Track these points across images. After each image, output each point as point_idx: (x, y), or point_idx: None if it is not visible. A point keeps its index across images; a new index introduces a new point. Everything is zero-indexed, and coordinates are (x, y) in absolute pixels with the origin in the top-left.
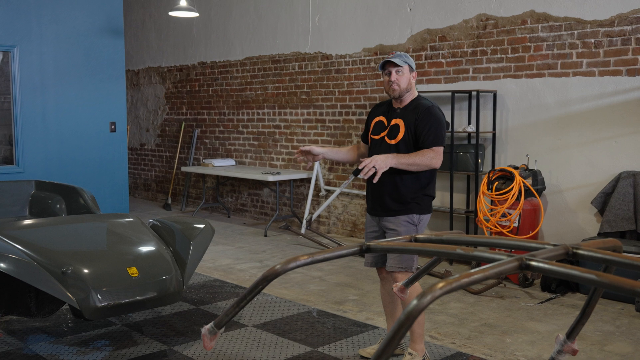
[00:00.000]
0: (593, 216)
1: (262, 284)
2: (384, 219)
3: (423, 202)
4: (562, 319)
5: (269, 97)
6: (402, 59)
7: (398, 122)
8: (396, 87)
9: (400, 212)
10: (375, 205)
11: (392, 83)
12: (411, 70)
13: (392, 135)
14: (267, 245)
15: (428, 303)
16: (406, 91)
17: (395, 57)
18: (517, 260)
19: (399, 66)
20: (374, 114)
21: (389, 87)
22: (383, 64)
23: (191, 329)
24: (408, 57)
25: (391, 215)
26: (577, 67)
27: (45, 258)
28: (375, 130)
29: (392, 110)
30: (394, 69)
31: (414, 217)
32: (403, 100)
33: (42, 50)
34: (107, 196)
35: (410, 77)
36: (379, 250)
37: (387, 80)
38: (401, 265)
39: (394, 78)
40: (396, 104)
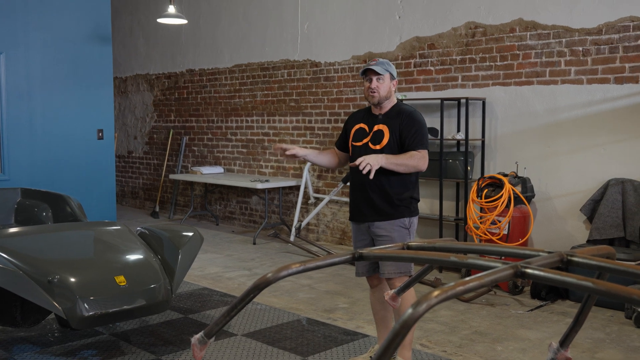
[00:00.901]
0: (582, 223)
1: (253, 292)
2: (374, 225)
3: (412, 205)
4: (552, 326)
5: (257, 104)
6: (384, 67)
7: (382, 128)
8: (375, 94)
9: (393, 216)
10: (363, 210)
11: (371, 90)
12: (392, 78)
13: (376, 141)
14: (256, 253)
15: (424, 312)
16: (385, 98)
17: (376, 64)
18: (512, 268)
19: (379, 74)
20: (352, 122)
21: (368, 93)
22: (364, 70)
23: (180, 338)
24: (389, 64)
25: (383, 219)
26: (565, 75)
27: (31, 267)
28: (357, 137)
29: (373, 116)
30: (374, 77)
31: (406, 221)
32: (383, 107)
33: (28, 57)
34: (95, 204)
35: (391, 85)
36: (371, 257)
37: (368, 86)
38: (399, 270)
39: (374, 85)
40: (376, 110)
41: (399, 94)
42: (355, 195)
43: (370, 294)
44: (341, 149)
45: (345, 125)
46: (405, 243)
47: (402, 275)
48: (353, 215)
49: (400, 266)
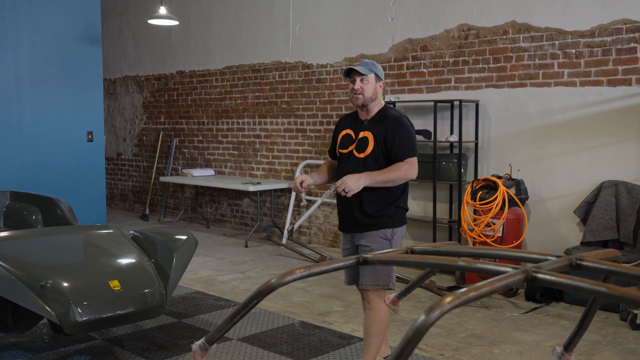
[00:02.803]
0: (575, 225)
1: (257, 298)
2: (355, 236)
3: (396, 215)
4: (548, 328)
5: (249, 106)
6: (368, 67)
7: (366, 135)
8: (359, 96)
9: (372, 227)
10: (346, 221)
11: (355, 91)
12: (378, 79)
13: (361, 149)
14: (249, 256)
15: (437, 318)
16: (371, 100)
17: (360, 65)
18: (522, 273)
19: (363, 74)
20: (340, 127)
21: (352, 95)
22: (347, 71)
23: (174, 343)
24: (375, 65)
25: (363, 230)
26: (558, 77)
27: (23, 271)
28: (343, 144)
29: (359, 122)
30: (358, 77)
31: (387, 232)
32: (369, 110)
33: (17, 58)
34: (84, 207)
35: (377, 87)
36: (375, 262)
37: (351, 88)
38: (377, 283)
39: (358, 87)
40: (362, 114)
41: (391, 96)
42: (339, 206)
43: (363, 302)
44: (334, 156)
45: (335, 131)
46: (408, 247)
47: (379, 288)
48: (340, 225)
49: (378, 278)
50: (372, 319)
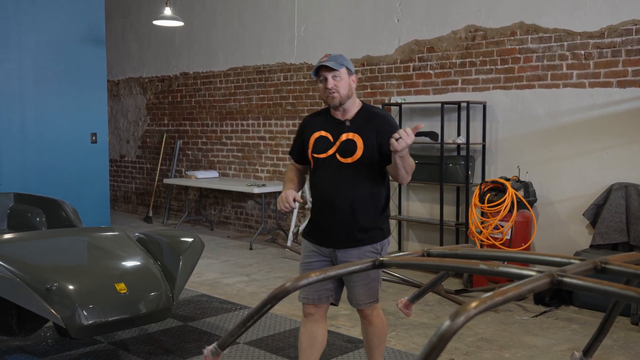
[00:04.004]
0: (585, 228)
1: (271, 302)
2: (340, 252)
3: (385, 225)
4: (558, 332)
5: (253, 108)
6: (338, 62)
7: (352, 138)
8: (335, 94)
9: (364, 242)
10: (330, 235)
11: (329, 91)
12: (350, 73)
13: (347, 153)
14: (253, 259)
15: (462, 324)
16: (347, 98)
17: (329, 60)
18: (548, 277)
19: (335, 70)
20: (310, 129)
21: (326, 95)
22: (316, 69)
23: (180, 347)
24: (345, 58)
25: (351, 246)
26: (567, 78)
27: (28, 274)
28: (319, 148)
29: (337, 122)
30: (329, 74)
31: (378, 246)
32: (346, 109)
33: (21, 59)
34: (88, 209)
35: (350, 82)
36: (393, 265)
37: (324, 87)
38: (371, 300)
39: (332, 85)
40: (337, 114)
41: (397, 98)
42: (321, 216)
43: (302, 325)
44: (300, 161)
45: (300, 133)
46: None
47: (373, 303)
48: (314, 237)
49: (371, 294)
50: (372, 333)
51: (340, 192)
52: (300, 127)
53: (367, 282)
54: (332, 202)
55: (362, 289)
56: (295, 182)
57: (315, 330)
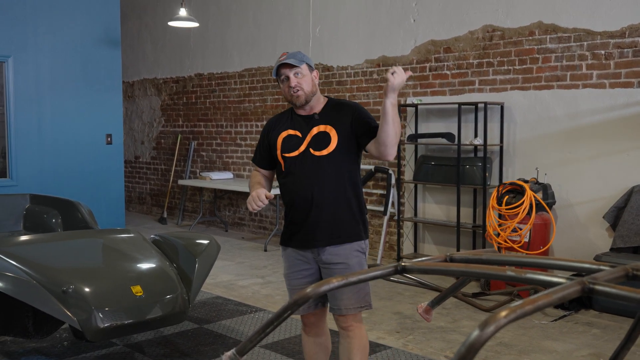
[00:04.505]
0: (605, 231)
1: (291, 308)
2: (325, 251)
3: (365, 224)
4: (579, 337)
5: (268, 109)
6: (297, 58)
7: (325, 129)
8: (300, 92)
9: (351, 238)
10: (314, 234)
11: (293, 89)
12: (311, 69)
13: (321, 146)
14: (268, 261)
15: (492, 333)
16: (312, 94)
17: (288, 57)
18: (579, 284)
19: (295, 67)
20: (275, 131)
21: (291, 95)
22: (277, 68)
23: (195, 350)
24: (304, 55)
25: (335, 243)
26: (587, 78)
27: (44, 276)
28: (288, 147)
29: (304, 118)
30: (291, 72)
31: (362, 244)
32: (312, 106)
33: (37, 61)
34: (103, 210)
35: (312, 77)
36: (415, 270)
37: (287, 87)
38: (360, 304)
39: (295, 83)
40: (302, 111)
41: (414, 99)
42: (300, 216)
43: (304, 334)
44: (265, 166)
45: (265, 137)
46: (447, 255)
47: (362, 309)
48: (295, 241)
49: (361, 298)
50: (353, 347)
51: (319, 186)
52: (264, 131)
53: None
54: (311, 198)
55: (349, 292)
56: (263, 184)
57: (318, 337)
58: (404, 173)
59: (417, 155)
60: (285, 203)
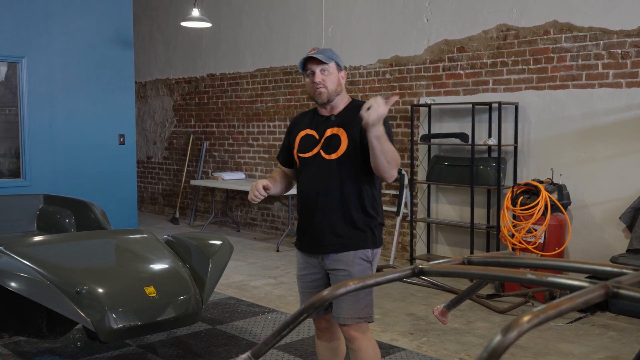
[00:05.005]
0: (621, 232)
1: (307, 311)
2: (329, 257)
3: (378, 231)
4: (595, 339)
5: (280, 109)
6: (327, 55)
7: (337, 132)
8: (323, 89)
9: (354, 246)
10: (317, 239)
11: (317, 85)
12: (339, 69)
13: (331, 149)
14: (280, 261)
15: (515, 339)
16: (336, 94)
17: (317, 53)
18: (602, 288)
19: (323, 64)
20: (296, 128)
21: (313, 90)
22: (303, 62)
23: (208, 351)
24: (333, 52)
25: (341, 250)
26: (603, 78)
27: (58, 277)
28: (304, 147)
29: (322, 119)
30: (317, 68)
31: (369, 253)
32: (334, 106)
33: (50, 61)
34: (115, 210)
35: (339, 77)
36: (433, 273)
37: (311, 82)
38: (358, 315)
39: (319, 79)
40: (324, 111)
41: (427, 98)
42: (307, 220)
43: (317, 339)
44: (286, 164)
45: (287, 134)
46: (465, 257)
47: (361, 321)
48: (302, 245)
49: (359, 309)
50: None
51: (325, 190)
52: (288, 128)
53: (355, 293)
54: (316, 202)
55: (349, 301)
56: (277, 181)
57: (332, 342)
58: (417, 173)
59: (430, 156)
60: (298, 204)
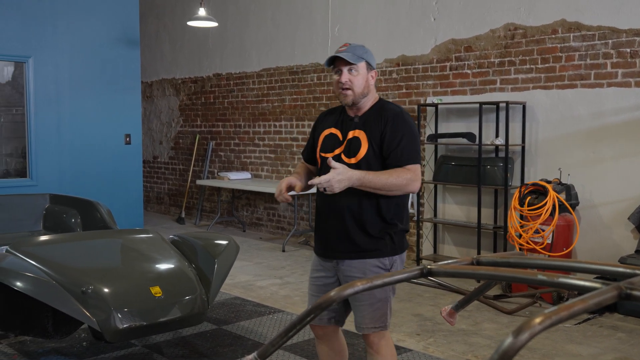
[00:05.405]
0: (630, 233)
1: (315, 312)
2: (343, 263)
3: (397, 237)
4: (603, 341)
5: (286, 109)
6: (357, 54)
7: (357, 135)
8: (348, 91)
9: (370, 254)
10: (332, 244)
11: (342, 86)
12: (370, 69)
13: (351, 153)
14: (286, 261)
15: (526, 341)
16: (362, 96)
17: (346, 51)
18: (615, 289)
19: (352, 64)
20: (322, 125)
21: (339, 90)
22: (331, 59)
23: (214, 351)
24: (365, 50)
25: (354, 257)
26: (611, 77)
27: (64, 276)
28: (326, 146)
29: (347, 119)
30: (345, 68)
31: (386, 261)
32: (360, 107)
33: (57, 61)
34: (121, 210)
35: (369, 77)
36: (442, 274)
37: (337, 81)
38: (375, 325)
39: (346, 79)
40: (351, 111)
41: (434, 98)
42: (323, 224)
43: (317, 343)
44: (310, 161)
45: (313, 131)
46: (474, 257)
47: (377, 330)
48: (318, 249)
49: (376, 319)
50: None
51: (342, 195)
52: (313, 125)
53: (372, 303)
54: (333, 206)
55: (366, 311)
56: (302, 176)
57: (332, 348)
58: (424, 173)
59: (437, 156)
60: (316, 206)
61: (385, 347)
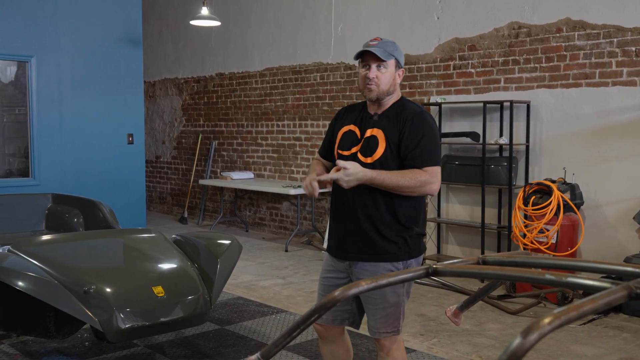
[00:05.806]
0: (635, 232)
1: (319, 312)
2: (357, 265)
3: (412, 241)
4: (608, 341)
5: (289, 108)
6: (387, 51)
7: (375, 134)
8: (374, 87)
9: (383, 257)
10: (345, 245)
11: (369, 82)
12: (398, 67)
13: (368, 152)
14: (289, 261)
15: (535, 341)
16: (387, 94)
17: (377, 46)
18: (625, 289)
19: (382, 60)
20: (342, 122)
21: (364, 85)
22: (361, 53)
23: (217, 351)
24: (396, 47)
25: (366, 259)
26: (616, 76)
27: (66, 276)
28: (344, 143)
29: (367, 116)
30: (374, 64)
31: (400, 265)
32: (382, 104)
33: (59, 61)
34: (124, 210)
35: (396, 76)
36: (447, 273)
37: (364, 75)
38: (388, 330)
39: (374, 75)
40: (372, 107)
41: (437, 97)
42: (337, 223)
43: (321, 344)
44: (327, 157)
45: (331, 127)
46: (480, 257)
47: (389, 334)
48: (332, 248)
49: (389, 324)
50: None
51: (357, 195)
52: (332, 120)
53: (384, 307)
54: (348, 206)
55: (379, 315)
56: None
57: (335, 350)
58: None
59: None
60: (330, 205)
61: (396, 351)
